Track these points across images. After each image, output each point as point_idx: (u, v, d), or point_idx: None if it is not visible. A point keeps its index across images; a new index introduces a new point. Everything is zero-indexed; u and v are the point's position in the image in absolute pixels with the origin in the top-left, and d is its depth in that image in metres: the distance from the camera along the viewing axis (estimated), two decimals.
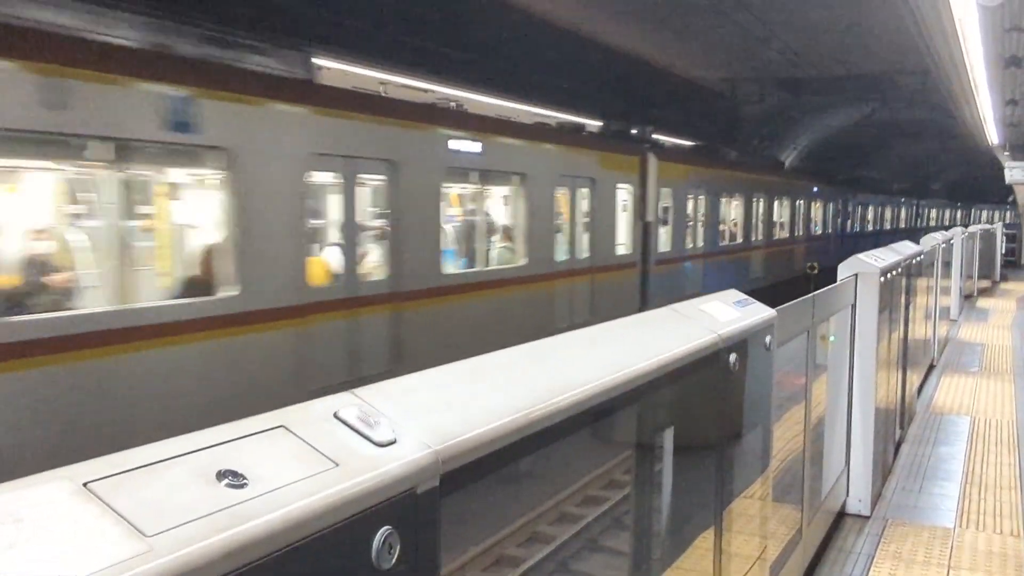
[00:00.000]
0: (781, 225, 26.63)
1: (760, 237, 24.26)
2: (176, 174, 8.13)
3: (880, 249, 6.94)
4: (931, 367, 11.21)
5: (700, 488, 3.09)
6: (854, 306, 5.79)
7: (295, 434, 1.34)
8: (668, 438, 2.81)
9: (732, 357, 3.01)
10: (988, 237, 23.87)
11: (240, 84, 8.01)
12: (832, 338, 5.71)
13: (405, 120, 10.11)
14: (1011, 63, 13.31)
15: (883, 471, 6.61)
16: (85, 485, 1.08)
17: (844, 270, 5.84)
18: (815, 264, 27.21)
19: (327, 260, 9.40)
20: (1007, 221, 49.08)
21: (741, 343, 3.11)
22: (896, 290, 6.90)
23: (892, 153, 48.94)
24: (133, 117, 6.93)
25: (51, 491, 1.05)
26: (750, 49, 21.84)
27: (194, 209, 8.28)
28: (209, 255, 8.05)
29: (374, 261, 9.77)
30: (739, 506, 3.38)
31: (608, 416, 2.31)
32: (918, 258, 8.45)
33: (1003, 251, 28.62)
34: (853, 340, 5.83)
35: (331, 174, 9.28)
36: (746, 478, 3.52)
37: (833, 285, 5.44)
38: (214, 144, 7.64)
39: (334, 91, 9.71)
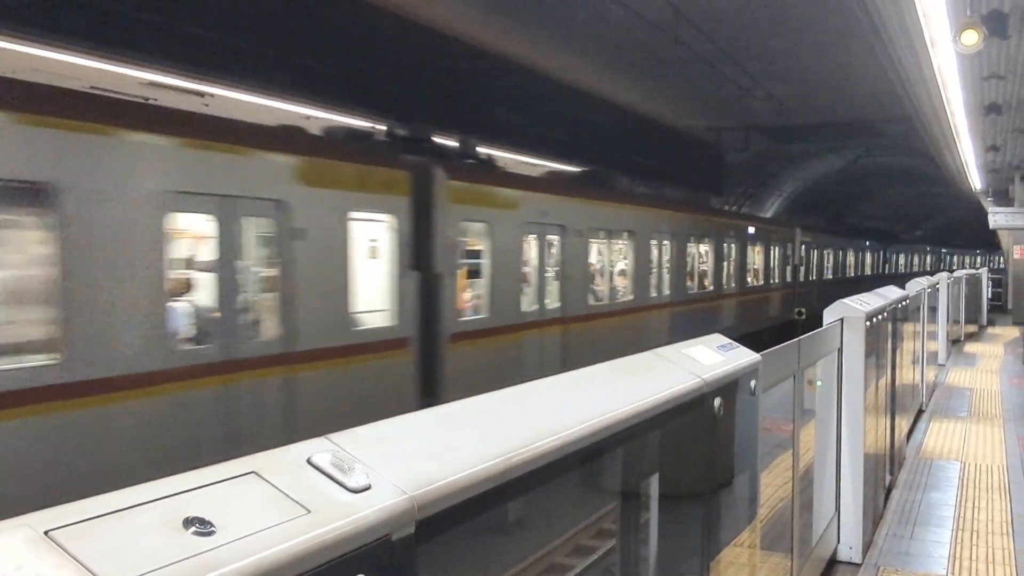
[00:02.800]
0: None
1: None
2: None
3: (866, 294, 6.97)
4: (920, 412, 11.19)
5: (687, 537, 3.05)
6: (840, 350, 5.78)
7: (267, 480, 1.32)
8: (653, 485, 2.78)
9: (717, 402, 3.00)
10: (974, 282, 24.02)
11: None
12: (819, 383, 5.70)
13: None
14: (990, 110, 13.51)
15: (874, 517, 6.56)
16: (46, 533, 1.05)
17: (830, 315, 5.85)
18: (803, 310, 27.13)
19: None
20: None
21: (726, 387, 3.10)
22: (883, 335, 6.91)
23: (877, 199, 49.43)
24: None
25: (10, 540, 1.02)
26: (735, 98, 22.13)
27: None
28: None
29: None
30: (727, 555, 3.33)
31: (591, 462, 2.28)
32: (904, 303, 8.48)
33: (989, 296, 28.78)
34: (840, 385, 5.82)
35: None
36: (734, 526, 3.48)
37: (819, 330, 5.44)
38: None
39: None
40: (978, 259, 64.04)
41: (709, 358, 3.18)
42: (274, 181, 8.27)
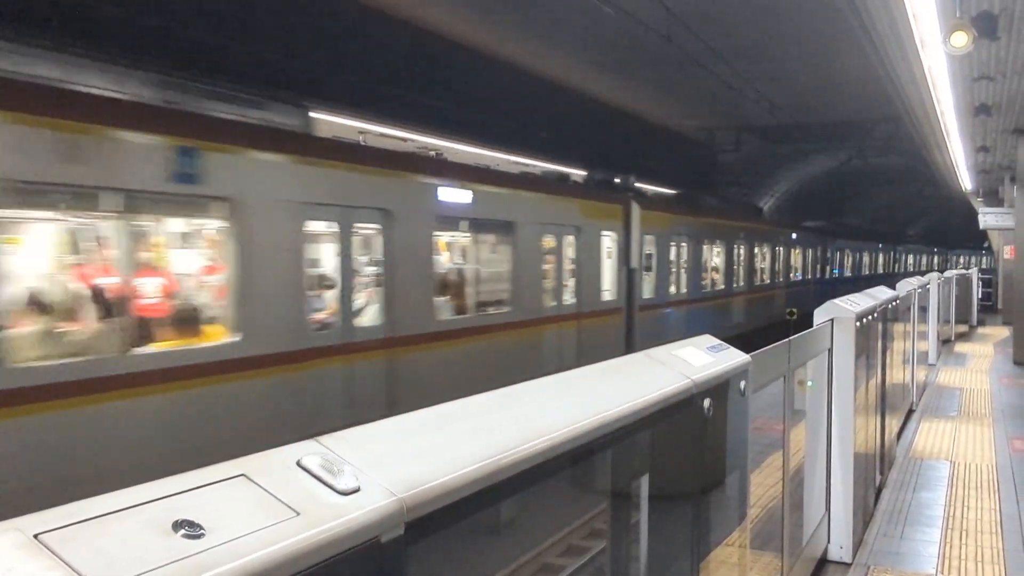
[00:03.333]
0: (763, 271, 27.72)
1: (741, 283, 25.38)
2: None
3: (856, 294, 6.99)
4: (910, 411, 11.23)
5: (677, 537, 3.06)
6: (831, 351, 5.80)
7: (256, 483, 1.33)
8: (643, 485, 2.79)
9: (706, 402, 3.01)
10: (964, 282, 24.10)
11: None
12: (810, 383, 5.72)
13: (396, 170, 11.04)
14: (980, 111, 13.57)
15: (864, 517, 6.58)
16: (36, 537, 1.05)
17: (820, 315, 5.87)
18: (794, 310, 27.34)
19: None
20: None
21: (715, 388, 3.11)
22: (873, 335, 6.93)
23: (869, 199, 49.59)
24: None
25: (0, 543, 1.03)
26: (727, 99, 22.18)
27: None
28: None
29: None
30: (718, 555, 3.35)
31: (580, 463, 2.29)
32: (894, 303, 8.51)
33: (979, 296, 28.89)
34: (831, 385, 5.84)
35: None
36: (724, 526, 3.49)
37: (809, 330, 5.45)
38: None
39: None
40: (960, 259, 64.71)
41: (699, 359, 3.19)
42: (577, 215, 15.11)
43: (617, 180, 19.12)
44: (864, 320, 6.18)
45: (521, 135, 19.08)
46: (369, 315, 10.27)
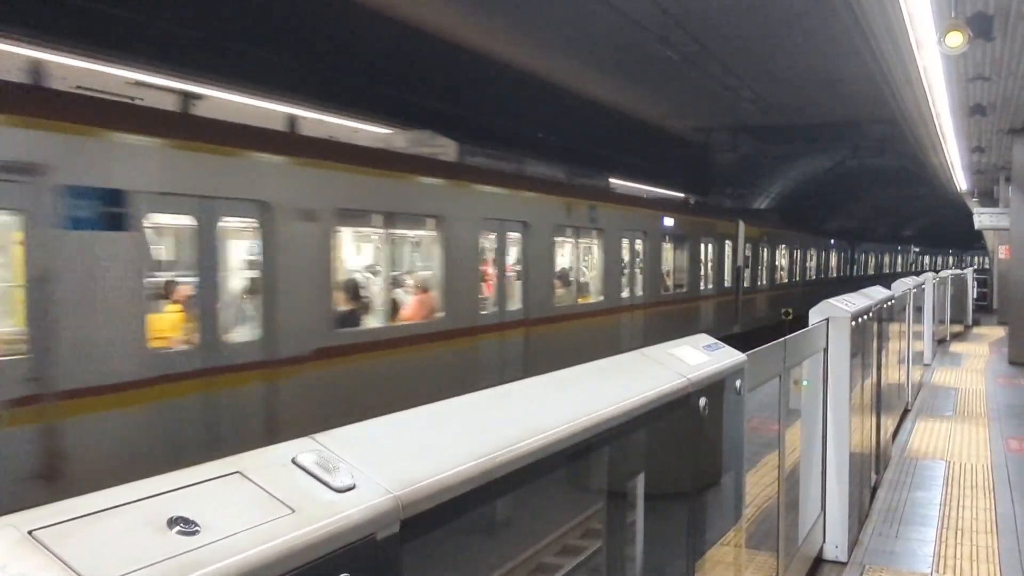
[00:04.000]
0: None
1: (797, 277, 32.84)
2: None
3: (852, 294, 7.00)
4: (906, 411, 11.25)
5: (673, 536, 3.07)
6: (826, 350, 5.81)
7: (251, 480, 1.32)
8: (639, 484, 2.79)
9: (702, 401, 3.01)
10: (959, 282, 24.14)
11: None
12: (805, 383, 5.72)
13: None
14: (975, 111, 13.59)
15: (859, 516, 6.59)
16: (30, 533, 1.05)
17: (815, 315, 5.87)
18: (790, 310, 27.66)
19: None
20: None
21: (711, 387, 3.11)
22: (868, 334, 6.94)
23: (865, 199, 49.64)
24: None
25: None
26: (722, 99, 22.19)
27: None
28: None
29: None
30: (714, 554, 3.35)
31: (576, 461, 2.29)
32: (889, 303, 8.52)
33: (974, 296, 28.94)
34: (826, 384, 5.84)
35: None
36: (720, 525, 3.49)
37: (804, 329, 5.46)
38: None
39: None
40: (950, 259, 65.21)
41: (695, 358, 3.19)
42: (718, 230, 22.20)
43: (729, 204, 29.18)
44: (860, 320, 6.19)
45: (513, 133, 19.09)
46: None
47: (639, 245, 17.05)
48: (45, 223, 6.29)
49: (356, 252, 11.74)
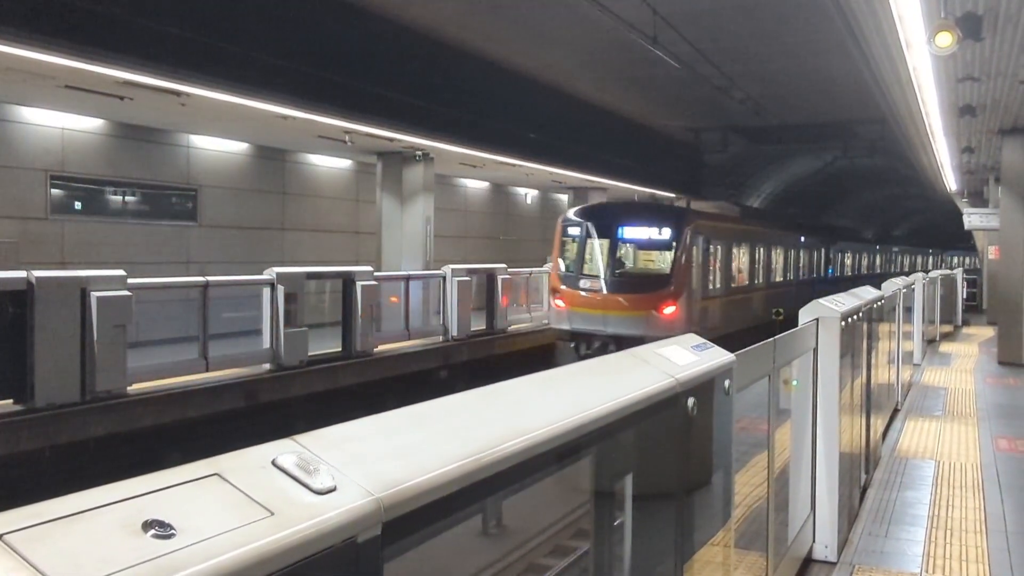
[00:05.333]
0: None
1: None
2: None
3: (841, 294, 7.00)
4: (895, 411, 11.27)
5: (662, 537, 3.05)
6: (816, 350, 5.81)
7: (229, 482, 1.30)
8: (627, 485, 2.77)
9: (690, 401, 3.00)
10: (949, 282, 24.23)
11: None
12: (795, 382, 5.72)
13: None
14: (965, 112, 13.63)
15: (849, 516, 6.59)
16: (1, 537, 1.03)
17: (805, 315, 5.87)
18: (781, 310, 27.71)
19: None
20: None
21: (699, 387, 3.10)
22: (858, 335, 6.95)
23: (855, 199, 49.78)
24: None
25: None
26: (713, 99, 22.21)
27: None
28: None
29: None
30: (703, 555, 3.33)
31: (563, 462, 2.27)
32: (879, 303, 8.53)
33: (964, 296, 29.04)
34: (816, 384, 5.84)
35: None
36: (709, 526, 3.48)
37: (794, 329, 5.45)
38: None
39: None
40: (930, 259, 65.49)
41: (683, 358, 3.18)
42: (801, 239, 29.89)
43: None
44: (849, 320, 6.19)
45: (506, 133, 19.08)
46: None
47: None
48: None
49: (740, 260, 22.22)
